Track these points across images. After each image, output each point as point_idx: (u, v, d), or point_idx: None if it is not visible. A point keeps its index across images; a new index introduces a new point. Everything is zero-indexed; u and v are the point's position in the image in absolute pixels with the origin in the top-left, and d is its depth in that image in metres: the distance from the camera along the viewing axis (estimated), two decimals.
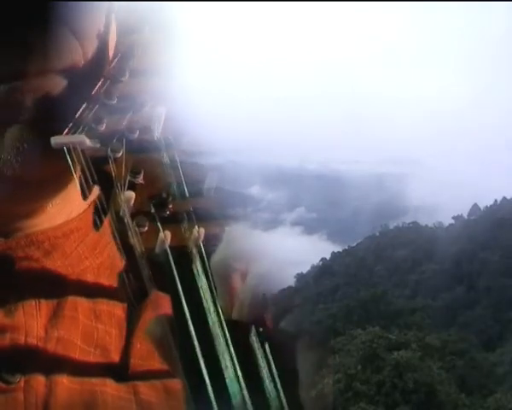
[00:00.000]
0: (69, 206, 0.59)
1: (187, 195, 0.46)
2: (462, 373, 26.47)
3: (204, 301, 0.45)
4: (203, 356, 0.46)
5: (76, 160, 0.47)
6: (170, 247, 0.45)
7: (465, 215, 61.27)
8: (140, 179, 0.49)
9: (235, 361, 0.46)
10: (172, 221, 0.46)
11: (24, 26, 0.49)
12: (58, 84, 0.51)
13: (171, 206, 0.46)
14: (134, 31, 0.56)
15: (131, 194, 0.48)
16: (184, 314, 0.45)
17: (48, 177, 0.55)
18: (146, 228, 0.46)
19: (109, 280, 0.59)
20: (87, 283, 0.59)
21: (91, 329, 0.58)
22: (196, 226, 0.46)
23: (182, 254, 0.45)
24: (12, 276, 0.57)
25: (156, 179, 0.47)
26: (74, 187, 0.54)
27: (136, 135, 0.48)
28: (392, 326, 27.88)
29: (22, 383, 0.56)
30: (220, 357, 0.47)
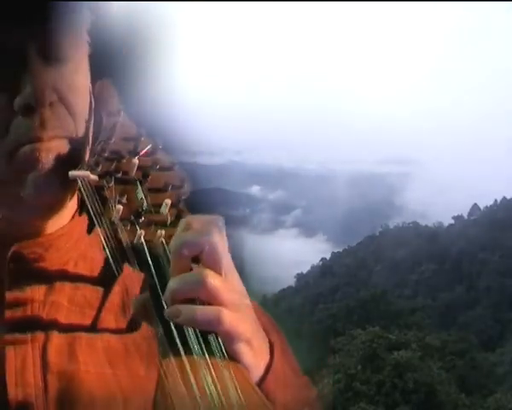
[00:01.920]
0: (61, 219, 0.92)
1: (152, 211, 0.81)
2: (462, 373, 26.60)
3: (166, 275, 0.78)
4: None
5: (84, 187, 0.82)
6: (144, 240, 0.80)
7: (465, 215, 61.63)
8: (124, 200, 0.81)
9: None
10: (145, 224, 0.80)
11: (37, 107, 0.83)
12: (62, 145, 0.86)
13: (143, 216, 0.81)
14: (115, 114, 0.89)
15: (120, 207, 0.81)
16: (156, 286, 0.78)
17: (52, 204, 0.88)
18: (129, 228, 0.80)
19: (84, 266, 0.92)
20: (69, 268, 0.92)
21: (73, 293, 0.90)
22: (159, 229, 0.81)
23: (151, 245, 0.81)
24: (25, 266, 0.91)
25: (133, 201, 0.82)
26: (64, 207, 0.89)
27: (120, 174, 0.82)
28: (392, 326, 28.02)
29: (30, 338, 0.86)
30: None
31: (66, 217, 0.93)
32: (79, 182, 0.81)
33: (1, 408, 0.84)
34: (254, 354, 0.80)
